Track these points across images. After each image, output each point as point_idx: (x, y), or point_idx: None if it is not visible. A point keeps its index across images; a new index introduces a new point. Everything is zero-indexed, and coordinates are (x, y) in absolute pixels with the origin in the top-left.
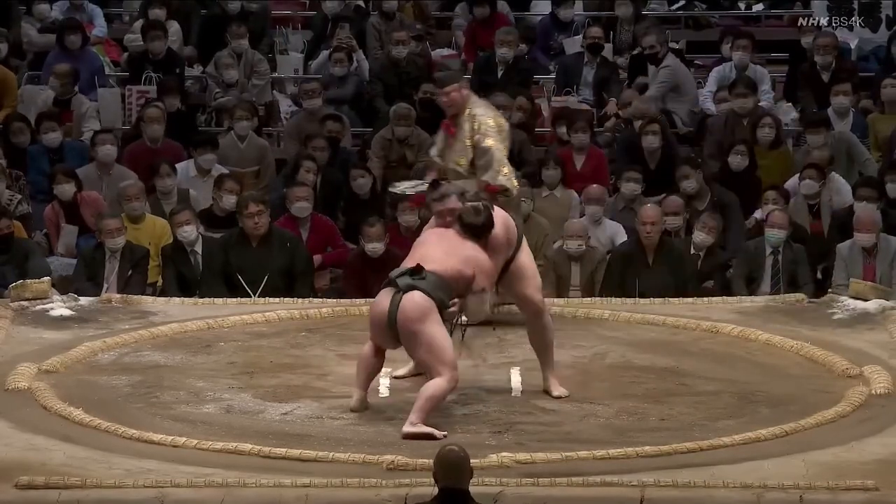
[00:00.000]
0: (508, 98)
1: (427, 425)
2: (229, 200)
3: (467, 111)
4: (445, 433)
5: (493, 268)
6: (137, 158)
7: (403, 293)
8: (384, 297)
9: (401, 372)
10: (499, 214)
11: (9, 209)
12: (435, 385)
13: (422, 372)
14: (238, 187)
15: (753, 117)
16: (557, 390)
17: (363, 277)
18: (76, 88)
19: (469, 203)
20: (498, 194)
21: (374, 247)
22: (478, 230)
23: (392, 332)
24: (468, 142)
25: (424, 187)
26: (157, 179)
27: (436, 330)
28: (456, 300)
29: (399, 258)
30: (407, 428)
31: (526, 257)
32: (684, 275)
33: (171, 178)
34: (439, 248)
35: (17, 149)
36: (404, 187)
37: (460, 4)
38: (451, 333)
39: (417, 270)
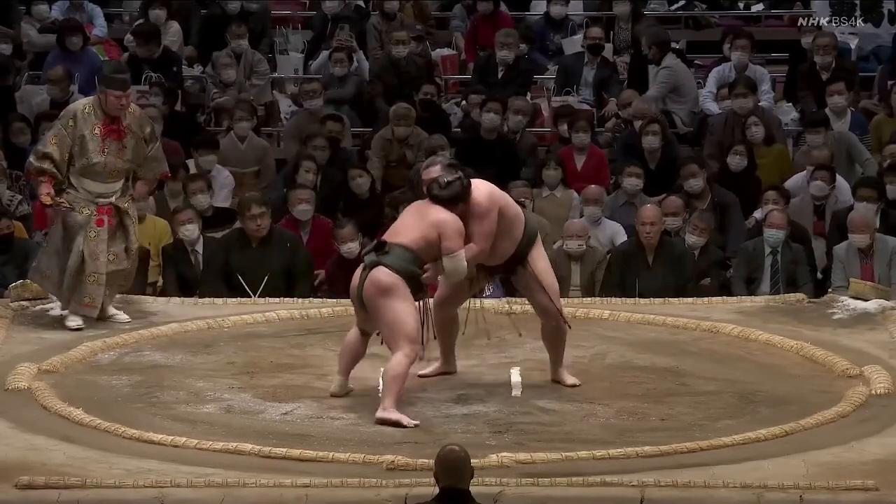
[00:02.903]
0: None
1: (399, 410)
2: (198, 201)
3: (131, 111)
4: (417, 422)
5: (462, 229)
6: None
7: (370, 270)
8: (356, 276)
9: (425, 371)
10: (481, 185)
11: (9, 209)
12: (395, 363)
13: (447, 371)
14: (206, 185)
15: (745, 118)
16: (570, 379)
17: (344, 282)
18: (72, 89)
19: (440, 176)
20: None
21: (349, 248)
22: (444, 201)
23: (363, 309)
24: (142, 136)
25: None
26: (168, 180)
27: (397, 305)
28: (428, 266)
29: None
30: (379, 413)
31: (544, 263)
32: (684, 275)
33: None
34: (408, 219)
35: (18, 149)
36: None
37: (457, 6)
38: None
39: (380, 246)
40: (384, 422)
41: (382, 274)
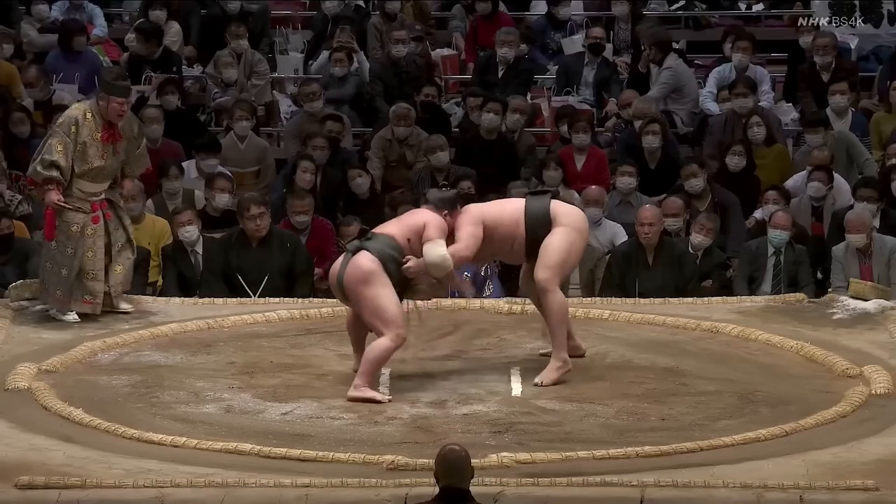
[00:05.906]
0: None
1: (373, 389)
2: (222, 199)
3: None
4: (390, 398)
5: (446, 228)
6: None
7: (353, 255)
8: (339, 260)
9: (547, 351)
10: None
11: (9, 209)
12: (378, 346)
13: (576, 354)
14: (230, 185)
15: (746, 118)
16: (547, 377)
17: None
18: (52, 88)
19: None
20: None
21: None
22: (435, 202)
23: (342, 293)
24: (132, 135)
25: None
26: (165, 181)
27: (379, 291)
28: (409, 256)
29: None
30: (351, 392)
31: (553, 239)
32: (684, 275)
33: (179, 180)
34: (397, 219)
35: (18, 140)
36: None
37: (457, 6)
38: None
39: (364, 233)
40: (356, 399)
41: (364, 259)
